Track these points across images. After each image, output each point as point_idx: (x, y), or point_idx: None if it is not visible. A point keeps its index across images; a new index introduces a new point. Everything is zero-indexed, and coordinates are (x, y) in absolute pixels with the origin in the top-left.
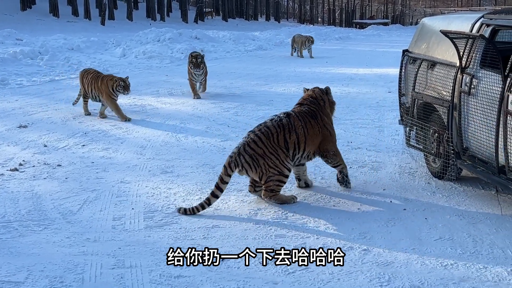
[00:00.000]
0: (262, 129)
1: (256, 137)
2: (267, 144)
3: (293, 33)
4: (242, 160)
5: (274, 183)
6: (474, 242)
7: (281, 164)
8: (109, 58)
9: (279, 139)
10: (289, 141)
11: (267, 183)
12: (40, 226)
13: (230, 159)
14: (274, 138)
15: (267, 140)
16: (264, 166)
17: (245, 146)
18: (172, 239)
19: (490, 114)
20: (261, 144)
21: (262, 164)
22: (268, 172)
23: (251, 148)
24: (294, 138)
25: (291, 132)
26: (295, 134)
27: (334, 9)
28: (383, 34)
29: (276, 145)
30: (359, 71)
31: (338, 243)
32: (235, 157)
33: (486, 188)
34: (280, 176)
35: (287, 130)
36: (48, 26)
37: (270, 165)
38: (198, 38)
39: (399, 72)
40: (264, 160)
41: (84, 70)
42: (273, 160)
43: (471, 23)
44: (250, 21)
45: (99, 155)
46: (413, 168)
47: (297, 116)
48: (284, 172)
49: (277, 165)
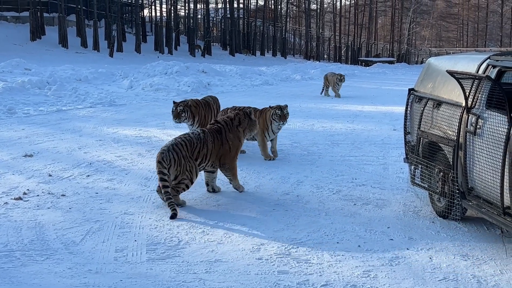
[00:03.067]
0: (187, 137)
1: (182, 141)
2: (189, 150)
3: (299, 69)
4: (171, 156)
5: (183, 186)
6: (478, 284)
7: (194, 172)
8: (116, 89)
9: (195, 150)
10: (200, 153)
11: (178, 183)
12: (42, 256)
13: (161, 155)
14: (194, 148)
15: (190, 147)
16: (183, 167)
17: (173, 145)
18: (175, 273)
19: (496, 155)
20: (186, 148)
21: (183, 165)
22: (183, 174)
23: (179, 148)
24: (204, 151)
25: (203, 146)
26: (206, 148)
27: (340, 47)
28: (388, 72)
29: (195, 155)
30: (364, 108)
31: (342, 281)
32: (166, 153)
33: (491, 228)
34: (189, 182)
35: (203, 143)
36: (57, 56)
37: (187, 169)
38: (205, 72)
39: (405, 110)
40: (185, 162)
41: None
42: (191, 165)
43: (477, 64)
44: (257, 56)
45: (104, 185)
46: (417, 207)
47: (209, 132)
48: (193, 179)
49: (192, 172)
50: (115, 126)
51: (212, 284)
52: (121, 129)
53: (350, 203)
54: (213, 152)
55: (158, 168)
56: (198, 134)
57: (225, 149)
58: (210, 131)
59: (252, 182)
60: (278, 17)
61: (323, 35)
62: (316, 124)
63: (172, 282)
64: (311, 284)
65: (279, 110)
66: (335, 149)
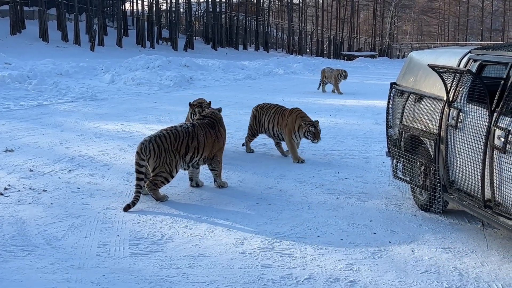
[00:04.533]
0: (173, 130)
1: (166, 134)
2: (173, 144)
3: (282, 63)
4: (151, 147)
5: (161, 179)
6: (460, 276)
7: (174, 165)
8: (98, 84)
9: (182, 144)
10: (190, 146)
11: (156, 176)
12: (24, 251)
13: (141, 145)
14: (179, 141)
15: (174, 141)
16: (163, 160)
17: (156, 137)
18: (158, 268)
19: (477, 148)
20: (169, 141)
21: (163, 158)
22: (162, 167)
23: (161, 141)
24: (195, 144)
25: (193, 139)
26: (196, 141)
27: (323, 41)
28: (370, 67)
29: (179, 148)
30: (346, 102)
31: (325, 274)
32: (146, 144)
33: (472, 221)
34: (168, 175)
35: (191, 137)
36: (37, 50)
37: (167, 162)
38: (187, 66)
39: (387, 105)
40: (165, 155)
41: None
42: (171, 159)
43: (458, 58)
44: (240, 51)
45: (85, 180)
46: (399, 200)
47: (200, 126)
48: (172, 173)
49: (171, 165)
50: (97, 120)
51: (196, 278)
52: (103, 124)
53: (333, 197)
54: (206, 146)
55: (135, 159)
56: (186, 128)
57: (219, 143)
58: (202, 125)
59: (235, 176)
60: (261, 11)
61: (305, 29)
62: None
63: (155, 277)
64: (295, 277)
65: (313, 127)
66: (318, 143)
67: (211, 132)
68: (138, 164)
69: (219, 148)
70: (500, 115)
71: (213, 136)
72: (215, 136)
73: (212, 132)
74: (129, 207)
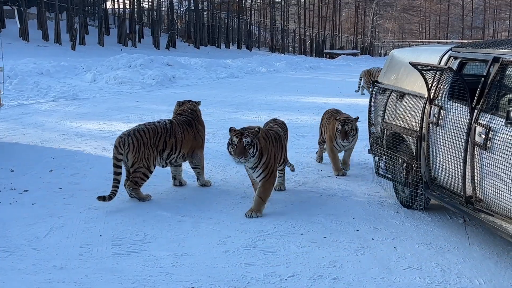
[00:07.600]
0: (151, 125)
1: (145, 128)
2: (151, 139)
3: (265, 61)
4: (130, 141)
5: (140, 175)
6: (442, 272)
7: (152, 161)
8: (79, 83)
9: (160, 140)
10: (168, 142)
11: (134, 173)
12: (5, 252)
13: (120, 139)
14: (157, 137)
15: (153, 136)
16: (141, 155)
17: (135, 131)
18: (141, 267)
19: (458, 145)
20: (148, 135)
21: (141, 152)
22: (140, 162)
23: (140, 134)
24: (172, 141)
25: (171, 136)
26: (174, 138)
27: (305, 39)
28: (352, 65)
29: (156, 144)
30: (329, 100)
31: (308, 272)
32: (125, 138)
33: (454, 218)
34: (147, 170)
35: (168, 134)
36: (18, 50)
37: (145, 157)
38: (169, 65)
39: (369, 102)
40: (144, 149)
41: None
42: (149, 153)
43: (439, 56)
44: (222, 49)
45: (67, 180)
46: (382, 197)
47: (178, 124)
48: (150, 168)
49: (149, 160)
50: (78, 120)
51: (179, 277)
52: (84, 123)
53: (316, 195)
54: (184, 143)
55: (113, 153)
56: (164, 124)
57: (198, 141)
58: (179, 123)
59: (218, 175)
60: (243, 10)
61: (288, 27)
62: (281, 116)
63: (138, 276)
64: (278, 275)
65: (341, 125)
66: (301, 141)
67: (188, 129)
68: (115, 158)
69: (199, 146)
70: (481, 112)
71: (190, 134)
72: (192, 133)
73: (189, 129)
74: (104, 199)
